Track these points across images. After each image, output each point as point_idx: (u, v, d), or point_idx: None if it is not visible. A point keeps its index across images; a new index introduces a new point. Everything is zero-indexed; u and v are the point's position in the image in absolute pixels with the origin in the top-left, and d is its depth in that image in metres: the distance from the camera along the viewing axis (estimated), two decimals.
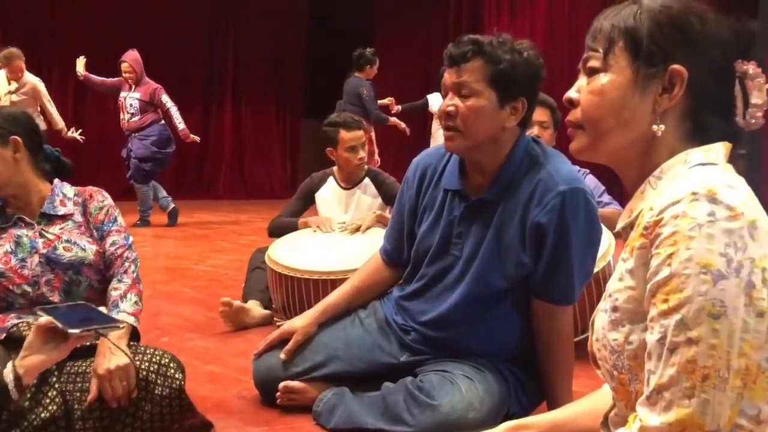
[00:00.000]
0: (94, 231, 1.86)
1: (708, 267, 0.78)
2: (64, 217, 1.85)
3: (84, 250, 1.80)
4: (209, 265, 4.67)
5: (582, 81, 1.00)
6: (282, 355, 1.98)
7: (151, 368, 1.59)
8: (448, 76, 1.73)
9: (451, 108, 1.72)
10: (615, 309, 0.91)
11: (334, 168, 3.42)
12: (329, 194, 3.40)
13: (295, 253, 2.97)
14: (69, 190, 1.91)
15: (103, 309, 1.57)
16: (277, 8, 11.30)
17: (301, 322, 2.01)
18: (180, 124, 6.60)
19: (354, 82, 6.56)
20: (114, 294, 1.77)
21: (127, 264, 1.83)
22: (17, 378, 1.27)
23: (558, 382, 1.77)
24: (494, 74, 1.68)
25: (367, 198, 3.37)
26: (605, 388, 1.10)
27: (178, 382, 1.60)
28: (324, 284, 2.76)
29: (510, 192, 1.74)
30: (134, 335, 1.74)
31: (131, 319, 1.72)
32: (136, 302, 1.78)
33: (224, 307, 2.90)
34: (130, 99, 6.49)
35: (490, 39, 1.71)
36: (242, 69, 11.33)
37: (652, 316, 0.83)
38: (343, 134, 3.26)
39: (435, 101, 6.68)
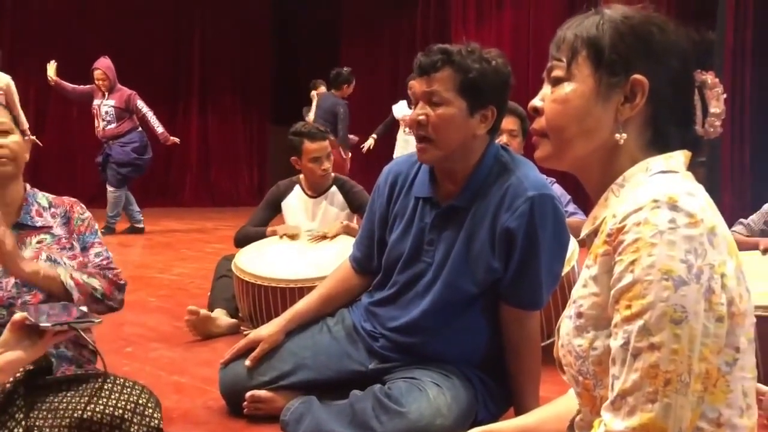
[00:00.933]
0: (76, 243, 1.80)
1: (669, 273, 0.80)
2: (41, 230, 1.77)
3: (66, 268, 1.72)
4: (174, 273, 4.61)
5: (546, 90, 1.01)
6: (247, 363, 1.96)
7: (128, 407, 1.54)
8: (418, 86, 1.75)
9: (422, 117, 1.73)
10: (579, 315, 0.92)
11: (301, 176, 3.40)
12: (296, 203, 3.39)
13: (262, 261, 2.95)
14: (42, 198, 1.84)
15: (84, 308, 1.52)
16: (242, 13, 11.26)
17: (268, 330, 2.00)
18: (158, 127, 6.61)
19: (331, 100, 6.76)
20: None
21: (113, 271, 1.81)
22: None
23: (526, 388, 1.79)
24: (464, 83, 1.70)
25: (333, 207, 3.36)
26: (571, 393, 1.11)
27: (155, 422, 1.56)
28: (291, 292, 2.74)
29: (480, 198, 1.76)
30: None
31: (68, 280, 1.66)
32: (95, 288, 1.72)
33: (190, 316, 2.86)
34: (105, 106, 6.44)
35: (459, 48, 1.73)
36: (208, 75, 11.23)
37: (616, 322, 0.84)
38: (308, 145, 3.25)
39: (399, 109, 6.77)
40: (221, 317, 2.98)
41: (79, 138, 9.22)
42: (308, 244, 3.10)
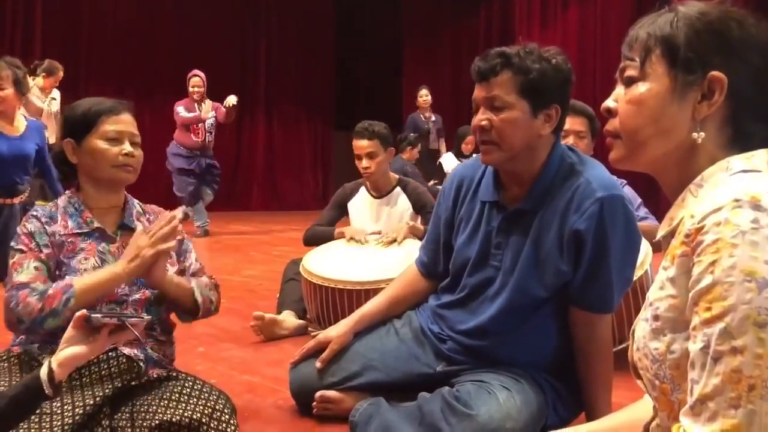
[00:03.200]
0: (174, 249, 1.85)
1: (752, 275, 0.77)
2: None
3: (167, 269, 1.79)
4: (243, 276, 4.72)
5: (619, 90, 0.99)
6: (318, 364, 2.00)
7: (206, 411, 1.60)
8: (478, 92, 1.74)
9: (485, 122, 1.72)
10: (656, 318, 0.90)
11: None
12: (361, 204, 3.43)
13: (330, 263, 2.99)
14: (137, 205, 1.92)
15: (145, 315, 1.59)
16: (305, 23, 11.45)
17: (336, 331, 2.03)
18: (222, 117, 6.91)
19: (398, 162, 7.22)
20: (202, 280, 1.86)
21: (212, 280, 1.93)
22: (51, 373, 1.27)
23: (597, 393, 1.76)
24: (524, 85, 1.68)
25: (398, 207, 3.38)
26: (646, 399, 1.09)
27: (232, 428, 1.61)
28: (358, 294, 2.77)
29: (547, 201, 1.74)
30: (189, 314, 1.83)
31: (199, 296, 1.79)
32: (212, 301, 1.86)
33: (256, 321, 2.94)
34: (210, 119, 6.80)
35: (517, 50, 1.71)
36: (274, 84, 11.48)
37: (695, 325, 0.82)
38: (353, 141, 3.31)
39: (448, 163, 7.13)
40: (288, 319, 3.04)
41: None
42: (376, 247, 3.13)
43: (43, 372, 1.25)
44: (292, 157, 11.80)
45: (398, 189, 3.40)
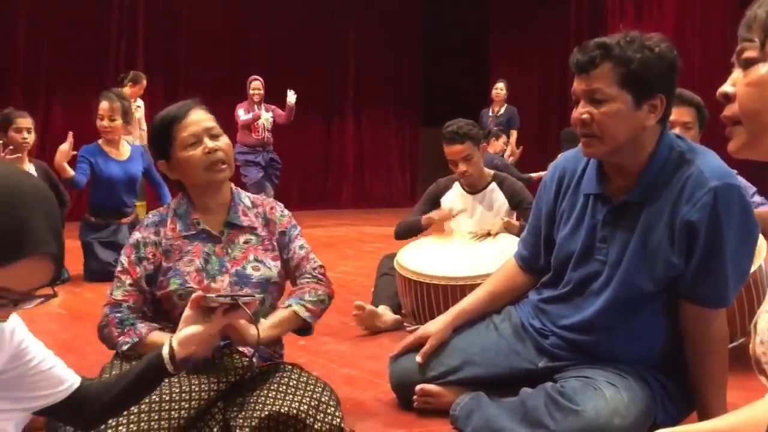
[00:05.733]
0: (278, 242, 1.90)
1: None
2: (246, 229, 1.87)
3: (270, 269, 1.84)
4: (338, 272, 4.80)
5: (737, 74, 0.95)
6: (418, 359, 2.01)
7: (312, 404, 1.63)
8: (578, 84, 1.69)
9: (585, 116, 1.67)
10: None
11: None
12: (454, 199, 3.42)
13: (425, 258, 3.01)
14: (245, 198, 1.94)
15: (258, 295, 1.63)
16: (393, 21, 11.51)
17: (435, 326, 2.04)
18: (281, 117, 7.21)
19: (487, 157, 7.36)
20: (301, 289, 1.86)
21: (315, 264, 1.93)
22: (171, 350, 1.33)
23: (710, 391, 1.68)
24: (626, 76, 1.63)
25: (493, 203, 3.35)
26: None
27: (337, 420, 1.64)
28: (453, 290, 2.77)
29: (655, 192, 1.68)
30: (305, 330, 1.86)
31: (304, 313, 1.80)
32: (321, 300, 1.86)
33: (357, 311, 2.98)
34: (270, 117, 7.13)
35: (617, 39, 1.65)
36: (362, 83, 11.61)
37: None
38: (445, 147, 3.28)
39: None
40: (386, 313, 3.07)
41: None
42: (470, 242, 3.12)
43: (165, 350, 1.33)
44: (380, 155, 11.91)
45: (493, 184, 3.37)
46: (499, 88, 7.86)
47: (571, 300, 1.83)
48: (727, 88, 0.96)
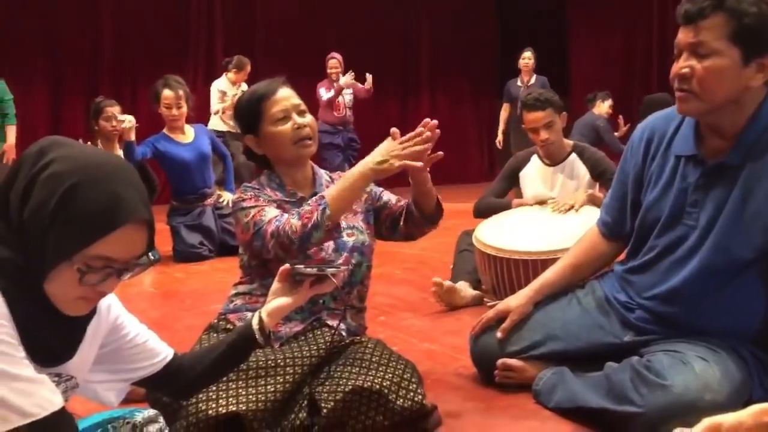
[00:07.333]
0: (365, 202, 1.97)
1: None
2: None
3: (362, 232, 1.90)
4: (416, 248, 4.81)
5: None
6: (498, 334, 2.00)
7: (394, 380, 1.64)
8: (683, 35, 1.60)
9: (686, 70, 1.59)
10: None
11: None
12: (534, 173, 3.35)
13: (504, 233, 2.97)
14: (325, 174, 2.01)
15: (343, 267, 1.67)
16: None
17: (516, 301, 2.01)
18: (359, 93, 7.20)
19: (589, 117, 7.44)
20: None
21: None
22: (261, 322, 1.37)
23: None
24: (738, 30, 1.53)
25: (573, 175, 3.26)
26: None
27: (419, 397, 1.65)
28: (534, 264, 2.73)
29: (756, 154, 1.59)
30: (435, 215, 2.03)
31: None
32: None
33: (436, 287, 2.99)
34: (348, 95, 7.14)
35: None
36: (437, 58, 11.52)
37: None
38: (525, 115, 3.21)
39: None
40: (465, 289, 3.06)
41: None
42: (550, 215, 3.05)
43: (255, 321, 1.38)
44: (456, 130, 11.78)
45: (574, 155, 3.27)
46: (527, 58, 7.61)
47: (655, 268, 1.76)
48: None
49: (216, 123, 6.69)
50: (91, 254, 1.01)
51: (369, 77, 7.03)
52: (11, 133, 5.32)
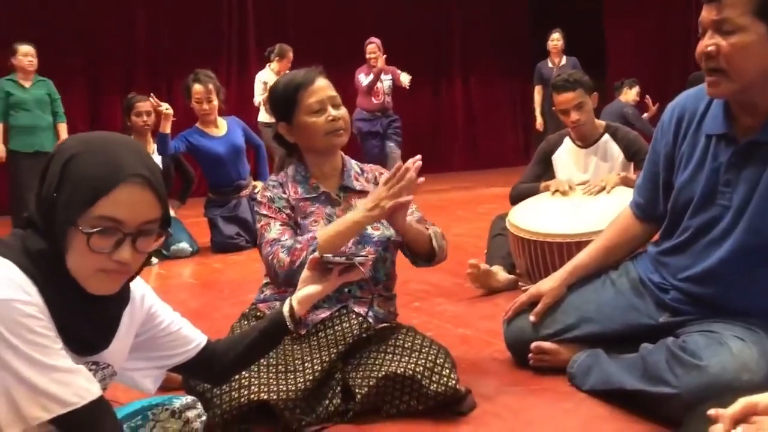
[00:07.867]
0: None
1: None
2: (360, 193, 1.95)
3: (388, 228, 1.90)
4: (452, 234, 4.78)
5: None
6: (532, 318, 1.99)
7: (428, 365, 1.66)
8: (706, 13, 1.56)
9: (711, 48, 1.55)
10: None
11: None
12: (566, 155, 3.32)
13: (537, 217, 2.95)
14: (354, 165, 2.02)
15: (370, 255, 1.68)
16: None
17: (549, 284, 2.01)
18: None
19: (617, 105, 7.45)
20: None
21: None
22: (292, 309, 1.40)
23: None
24: (761, 4, 1.49)
25: (607, 156, 3.21)
26: None
27: (452, 382, 1.67)
28: (568, 247, 2.71)
29: None
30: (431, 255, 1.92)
31: (442, 243, 1.92)
32: (442, 248, 1.92)
33: (472, 269, 2.98)
34: (387, 81, 6.96)
35: None
36: (469, 41, 11.43)
37: None
38: (555, 97, 3.17)
39: None
40: (500, 273, 3.05)
41: None
42: (583, 198, 3.02)
43: (286, 308, 1.41)
44: (490, 113, 11.72)
45: (606, 136, 3.22)
46: (556, 39, 7.45)
47: (690, 249, 1.73)
48: None
49: (264, 115, 6.65)
50: (95, 215, 1.02)
51: (407, 77, 6.84)
52: (63, 130, 5.58)
